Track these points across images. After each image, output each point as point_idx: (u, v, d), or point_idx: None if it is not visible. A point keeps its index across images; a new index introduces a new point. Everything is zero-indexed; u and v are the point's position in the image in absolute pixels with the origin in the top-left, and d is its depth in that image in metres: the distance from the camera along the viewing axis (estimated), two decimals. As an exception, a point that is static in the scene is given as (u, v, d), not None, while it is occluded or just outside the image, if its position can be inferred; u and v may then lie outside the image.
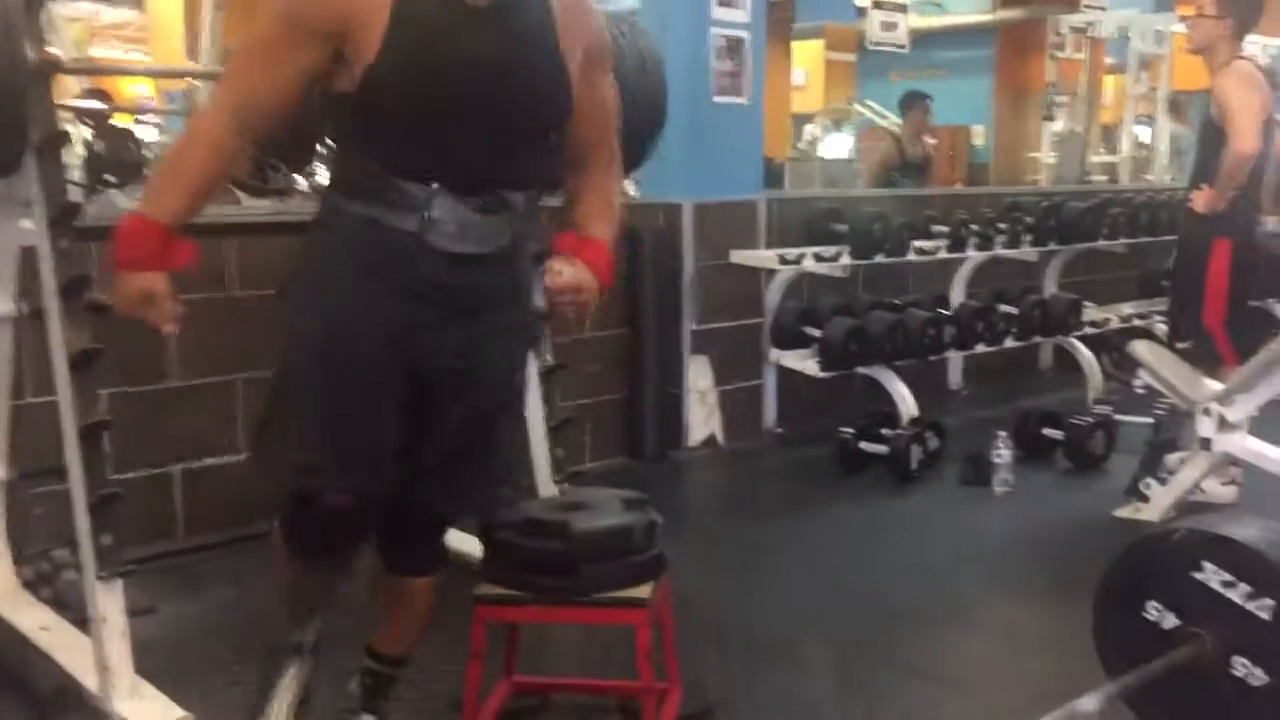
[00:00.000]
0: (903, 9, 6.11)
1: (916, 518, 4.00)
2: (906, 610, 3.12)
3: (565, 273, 1.95)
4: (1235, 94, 3.99)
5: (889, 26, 6.01)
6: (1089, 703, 2.05)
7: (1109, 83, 11.19)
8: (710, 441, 4.86)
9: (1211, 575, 2.23)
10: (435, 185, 1.85)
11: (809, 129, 14.23)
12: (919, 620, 3.05)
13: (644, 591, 2.24)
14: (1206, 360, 4.01)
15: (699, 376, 4.83)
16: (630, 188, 4.53)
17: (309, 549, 2.05)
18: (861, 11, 10.73)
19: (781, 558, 3.61)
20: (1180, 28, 9.51)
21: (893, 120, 13.23)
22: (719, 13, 4.81)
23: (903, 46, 6.13)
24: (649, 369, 4.73)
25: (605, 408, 4.64)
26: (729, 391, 4.92)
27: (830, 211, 5.04)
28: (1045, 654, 2.79)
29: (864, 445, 4.42)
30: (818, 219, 5.01)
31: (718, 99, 4.82)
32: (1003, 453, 4.21)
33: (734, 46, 4.86)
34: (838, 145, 12.34)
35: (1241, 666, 2.20)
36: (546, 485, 3.22)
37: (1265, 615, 2.17)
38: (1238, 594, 2.20)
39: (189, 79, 5.52)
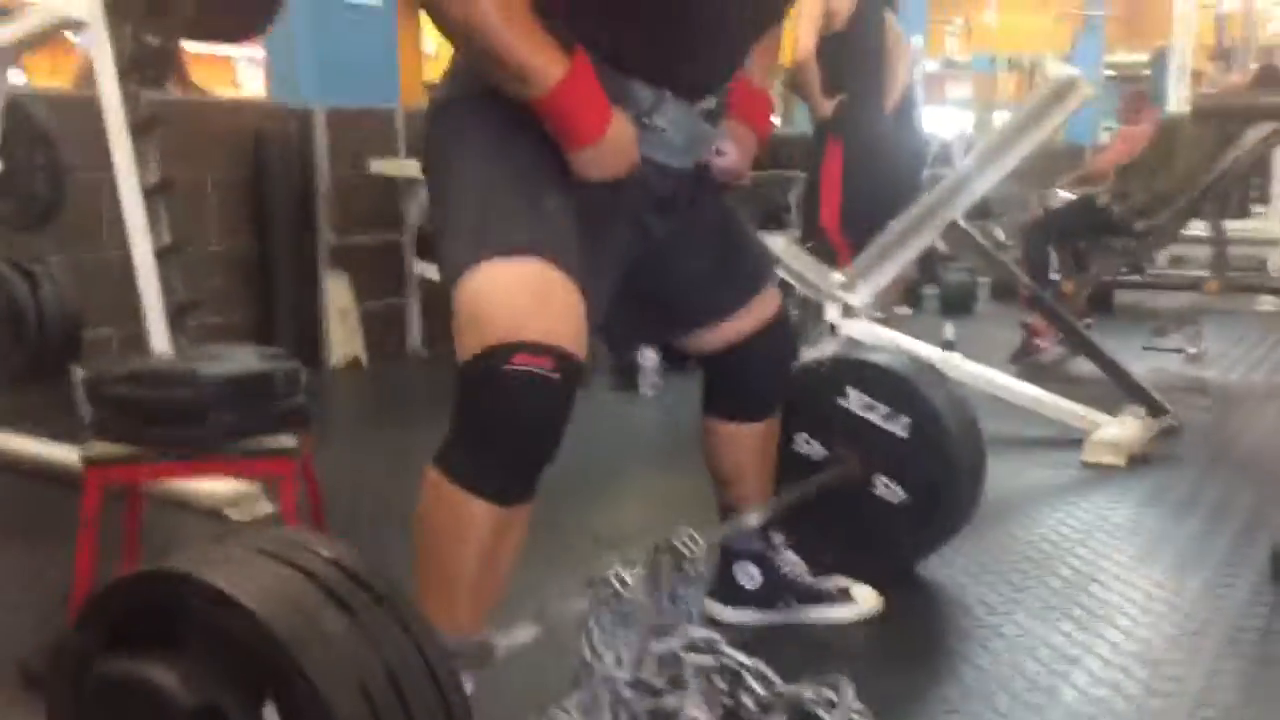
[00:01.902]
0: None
1: (575, 420, 3.97)
2: (570, 489, 3.05)
3: (730, 156, 1.82)
4: (803, 4, 4.29)
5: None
6: (753, 518, 2.06)
7: None
8: (354, 363, 4.62)
9: (854, 400, 2.32)
10: (666, 89, 1.63)
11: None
12: (581, 497, 3.00)
13: (289, 441, 2.04)
14: (825, 258, 4.29)
15: (339, 294, 4.57)
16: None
17: (499, 468, 1.53)
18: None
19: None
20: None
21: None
22: (347, -91, 4.57)
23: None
24: (283, 286, 4.42)
25: (235, 328, 4.29)
26: (372, 310, 4.69)
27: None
28: (696, 512, 2.80)
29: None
30: (458, 132, 4.87)
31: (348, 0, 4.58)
32: (648, 358, 4.27)
33: (365, -54, 4.63)
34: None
35: (883, 485, 2.30)
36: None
37: (902, 433, 2.28)
38: (878, 415, 2.30)
39: None
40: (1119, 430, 3.35)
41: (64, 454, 2.91)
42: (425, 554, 1.55)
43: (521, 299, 1.47)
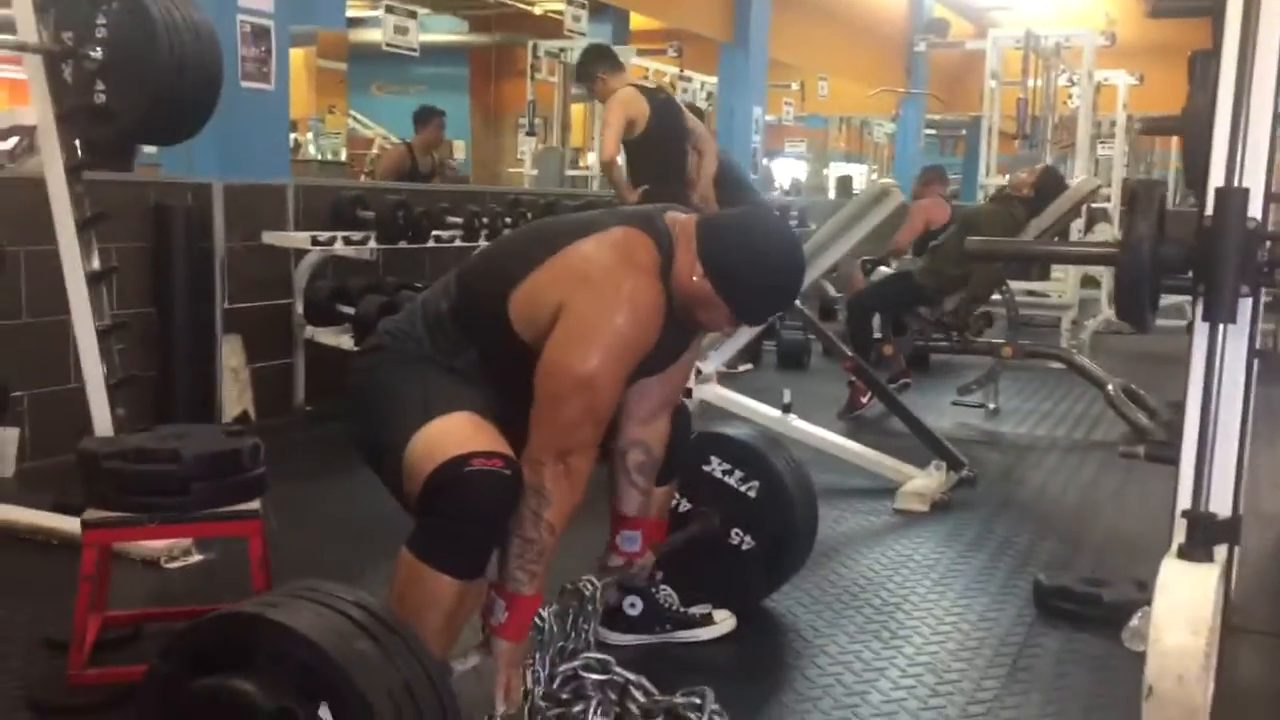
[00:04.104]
0: (413, 15, 6.51)
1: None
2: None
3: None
4: (606, 115, 5.27)
5: (401, 30, 6.39)
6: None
7: (578, 110, 12.36)
8: (243, 418, 4.96)
9: (716, 467, 2.87)
10: None
11: (292, 136, 14.34)
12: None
13: (254, 504, 2.46)
14: None
15: (231, 355, 4.92)
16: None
17: (463, 549, 2.02)
18: (353, 20, 11.06)
19: (324, 508, 3.88)
20: (637, 60, 10.93)
21: (376, 130, 13.67)
22: (245, 0, 4.95)
23: (415, 50, 6.54)
24: (180, 347, 4.74)
25: (133, 386, 4.59)
26: (261, 369, 5.04)
27: (356, 199, 5.33)
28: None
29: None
30: (344, 206, 5.28)
31: (245, 84, 4.95)
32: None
33: (260, 34, 5.02)
34: (327, 149, 12.67)
35: (736, 535, 2.86)
36: (108, 443, 3.25)
37: (753, 494, 2.85)
38: (734, 479, 2.86)
39: None
40: (924, 481, 4.01)
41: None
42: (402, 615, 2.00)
43: (466, 429, 2.03)
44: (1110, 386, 5.19)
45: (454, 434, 2.02)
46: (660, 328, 2.13)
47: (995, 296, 5.97)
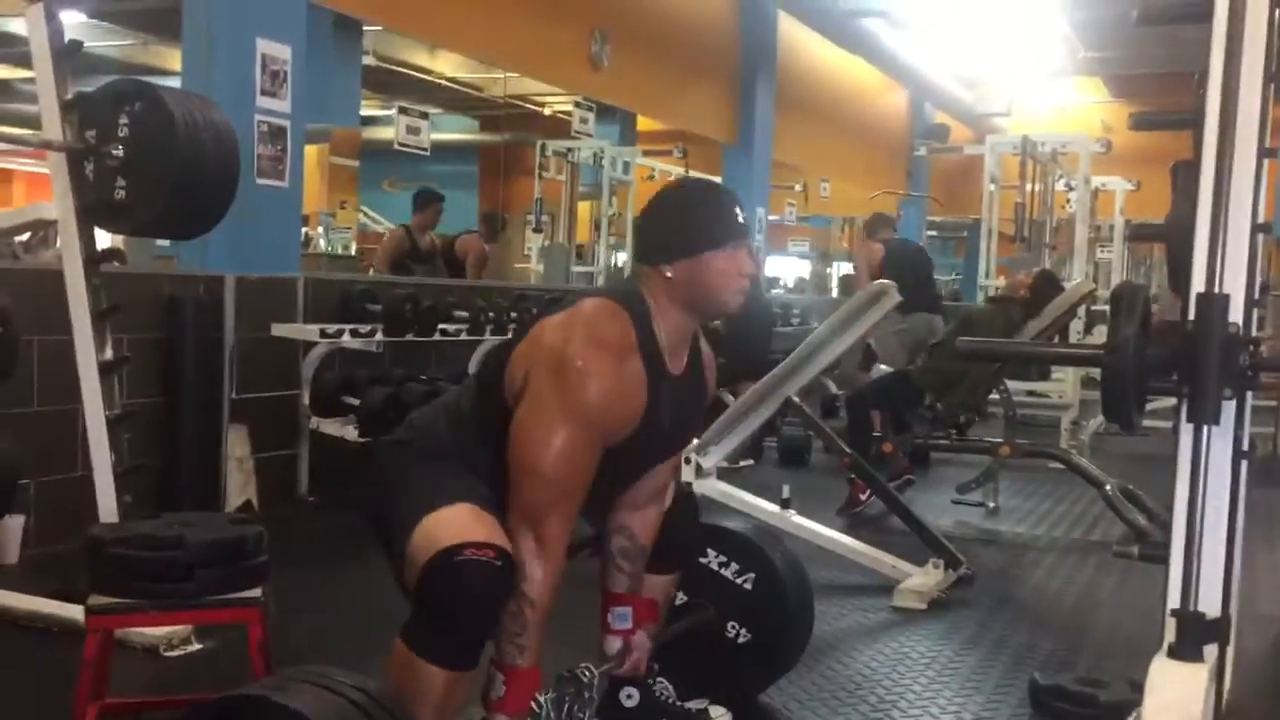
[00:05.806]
0: (425, 115, 6.70)
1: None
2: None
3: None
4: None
5: (414, 131, 6.57)
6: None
7: (584, 207, 12.59)
8: (247, 507, 4.99)
9: (712, 559, 2.90)
10: None
11: (304, 231, 14.62)
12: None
13: (256, 592, 2.50)
14: None
15: (237, 444, 4.97)
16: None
17: (453, 641, 2.05)
18: (367, 119, 11.34)
19: (326, 597, 3.90)
20: (643, 160, 11.16)
21: (386, 225, 13.93)
22: (263, 101, 5.11)
23: (426, 150, 6.70)
24: (187, 436, 4.80)
25: (140, 474, 4.63)
26: (266, 459, 5.09)
27: (364, 293, 5.44)
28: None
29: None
30: (353, 299, 5.38)
31: (260, 181, 5.09)
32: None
33: (276, 133, 5.17)
34: (337, 243, 12.94)
35: (733, 628, 2.88)
36: (113, 530, 3.28)
37: (749, 586, 2.87)
38: (730, 572, 2.89)
39: None
40: (922, 579, 4.02)
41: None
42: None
43: (463, 520, 2.09)
44: (1108, 486, 5.23)
45: (452, 525, 2.08)
46: (632, 396, 2.17)
47: (993, 396, 6.04)
